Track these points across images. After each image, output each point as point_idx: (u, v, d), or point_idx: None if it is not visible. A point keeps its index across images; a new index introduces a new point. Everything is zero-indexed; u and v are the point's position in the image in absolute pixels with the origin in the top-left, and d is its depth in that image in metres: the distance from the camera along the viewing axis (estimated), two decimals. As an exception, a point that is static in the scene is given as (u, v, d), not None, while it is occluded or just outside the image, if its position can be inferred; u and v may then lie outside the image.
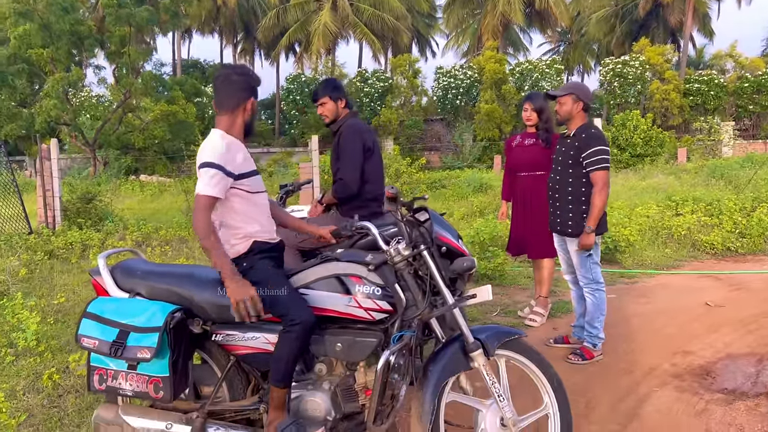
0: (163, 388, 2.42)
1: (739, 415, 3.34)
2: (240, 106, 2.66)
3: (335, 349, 2.51)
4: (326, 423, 2.51)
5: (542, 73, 28.57)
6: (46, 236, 8.65)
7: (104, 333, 2.45)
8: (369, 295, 2.50)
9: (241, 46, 41.05)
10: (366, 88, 29.31)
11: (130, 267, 2.74)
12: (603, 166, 4.05)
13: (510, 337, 2.59)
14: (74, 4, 18.93)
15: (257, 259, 2.60)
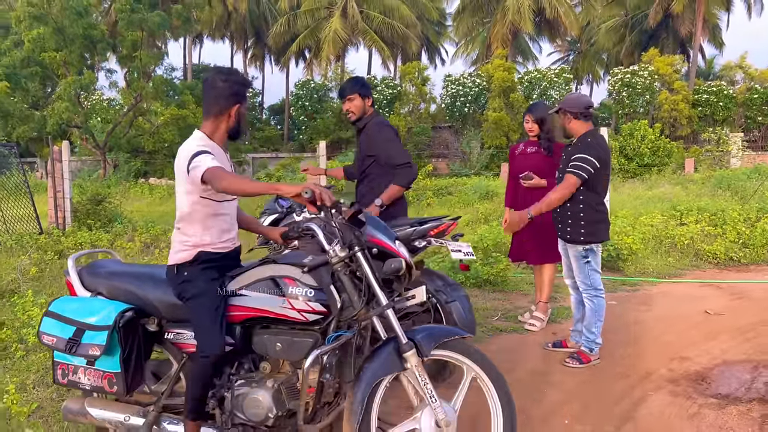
0: (117, 383, 2.56)
1: (731, 419, 3.40)
2: (224, 113, 2.65)
3: (276, 349, 2.57)
4: (267, 420, 2.56)
5: (551, 82, 28.63)
6: (56, 236, 8.78)
7: (62, 331, 2.60)
8: (301, 296, 2.54)
9: (252, 51, 41.33)
10: (374, 94, 29.43)
11: (96, 268, 2.90)
12: (577, 172, 4.12)
13: (449, 337, 2.54)
14: (88, 8, 19.18)
15: (199, 271, 2.62)
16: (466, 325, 3.62)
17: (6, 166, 11.81)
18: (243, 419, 2.61)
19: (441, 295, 3.70)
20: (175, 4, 21.83)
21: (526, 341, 4.83)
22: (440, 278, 3.85)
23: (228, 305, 2.60)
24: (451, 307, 3.66)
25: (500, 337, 4.92)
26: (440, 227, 3.79)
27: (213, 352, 2.50)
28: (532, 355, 4.53)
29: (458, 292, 3.77)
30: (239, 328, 2.63)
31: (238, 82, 2.67)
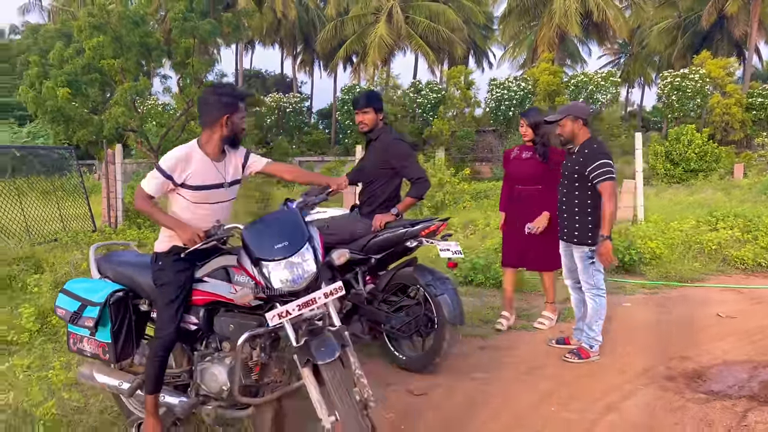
0: (108, 352, 3.04)
1: (713, 412, 3.58)
2: (215, 124, 2.93)
3: (229, 329, 2.92)
4: (222, 393, 2.92)
5: (597, 86, 28.36)
6: (108, 234, 9.42)
7: (70, 305, 3.13)
8: (244, 283, 2.84)
9: (301, 57, 42.19)
10: (419, 99, 29.74)
11: (110, 256, 3.41)
12: (608, 177, 4.32)
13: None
14: (144, 17, 20.06)
15: (171, 262, 2.98)
16: (454, 316, 3.89)
17: (66, 168, 12.62)
18: (205, 391, 3.01)
19: (431, 289, 3.98)
20: (226, 12, 22.60)
21: (533, 338, 5.05)
22: (431, 273, 4.12)
23: (194, 290, 3.00)
24: (439, 299, 3.92)
25: (509, 334, 5.15)
26: (431, 228, 4.13)
27: (166, 335, 2.92)
28: (535, 350, 4.76)
29: (446, 285, 4.01)
30: (203, 310, 3.01)
31: (227, 94, 2.95)
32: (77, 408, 3.63)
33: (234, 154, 3.12)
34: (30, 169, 12.35)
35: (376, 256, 4.33)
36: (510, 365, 4.40)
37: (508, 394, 3.88)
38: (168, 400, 3.08)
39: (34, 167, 12.50)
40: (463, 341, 4.94)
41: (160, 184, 2.90)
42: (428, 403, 3.72)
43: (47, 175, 11.93)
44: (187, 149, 2.95)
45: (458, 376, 4.17)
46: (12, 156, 13.40)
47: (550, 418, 3.52)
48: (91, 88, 20.89)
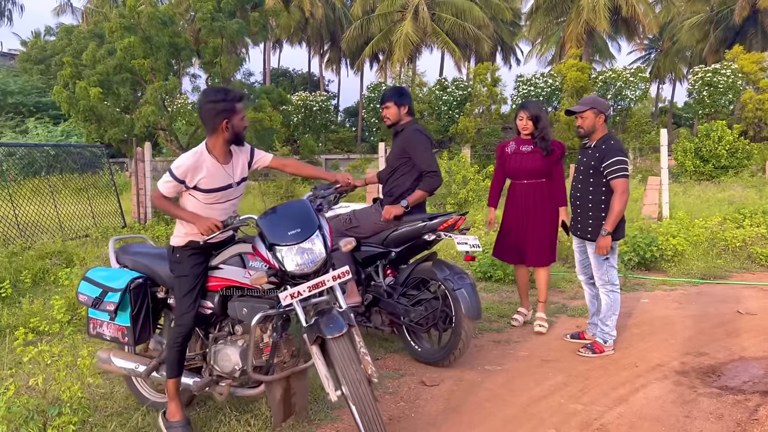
0: (128, 335, 3.24)
1: (724, 406, 3.59)
2: (217, 129, 3.05)
3: (242, 312, 3.12)
4: (234, 372, 3.11)
5: (626, 82, 28.00)
6: (137, 230, 9.67)
7: (92, 291, 3.33)
8: (259, 268, 3.05)
9: (328, 56, 42.43)
10: (445, 96, 29.71)
11: (128, 248, 3.62)
12: (622, 174, 4.34)
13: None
14: (173, 18, 20.45)
15: (186, 256, 3.16)
16: (471, 310, 3.93)
17: (98, 166, 12.96)
18: (218, 371, 3.20)
19: (448, 283, 4.03)
20: (253, 12, 22.88)
21: (548, 333, 5.09)
22: (449, 268, 4.15)
23: (209, 277, 3.20)
24: (457, 294, 3.96)
25: (523, 329, 5.19)
26: (449, 222, 4.18)
27: (185, 322, 3.10)
28: (548, 345, 4.80)
29: (464, 280, 4.04)
30: (218, 296, 3.21)
31: (221, 100, 3.05)
32: (103, 394, 3.81)
33: (240, 152, 3.27)
34: (64, 166, 12.69)
35: (395, 250, 4.41)
36: (523, 358, 4.46)
37: (517, 386, 3.94)
38: (183, 380, 3.26)
39: (68, 165, 12.83)
40: (479, 335, 5.01)
41: (173, 187, 3.09)
42: (439, 393, 3.81)
43: (80, 173, 12.25)
44: (197, 156, 3.08)
45: (470, 368, 4.24)
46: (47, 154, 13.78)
47: (557, 409, 3.57)
48: (122, 87, 21.41)
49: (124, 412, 3.54)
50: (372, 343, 4.75)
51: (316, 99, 32.06)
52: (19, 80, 30.19)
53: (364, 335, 4.87)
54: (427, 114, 30.92)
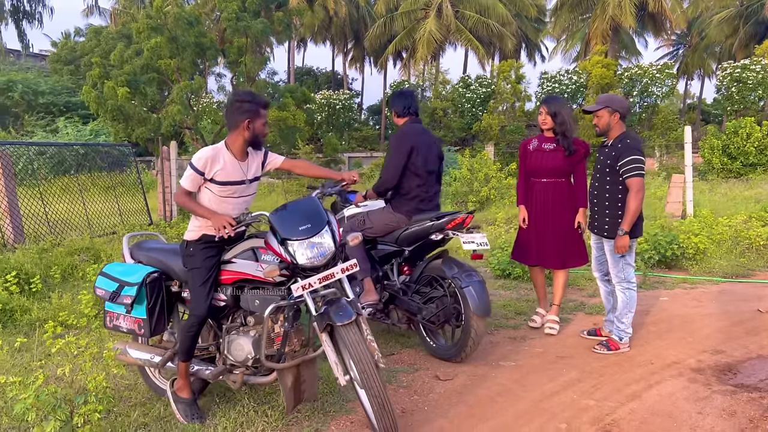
0: (144, 327, 3.37)
1: (738, 403, 3.60)
2: (238, 127, 3.27)
3: (254, 304, 3.26)
4: (247, 361, 3.25)
5: (652, 78, 27.66)
6: (163, 227, 9.87)
7: (109, 285, 3.47)
8: (270, 262, 3.18)
9: (352, 54, 42.56)
10: (468, 93, 29.65)
11: (142, 244, 3.76)
12: (637, 173, 4.35)
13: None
14: (198, 18, 20.74)
15: (199, 249, 3.32)
16: (479, 307, 4.00)
17: (126, 165, 13.23)
18: (231, 360, 3.34)
19: (457, 281, 4.10)
20: (277, 12, 23.09)
21: (564, 330, 5.11)
22: (458, 266, 4.22)
23: (222, 270, 3.33)
24: (465, 291, 4.03)
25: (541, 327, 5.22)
26: (456, 220, 4.25)
27: (200, 312, 3.25)
28: (564, 342, 4.83)
29: (472, 278, 4.10)
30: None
31: (248, 101, 3.29)
32: (128, 385, 3.95)
33: (256, 155, 3.46)
34: (93, 165, 12.98)
35: (408, 248, 4.51)
36: (537, 355, 4.50)
37: (530, 381, 3.98)
38: (198, 368, 3.42)
39: (96, 163, 13.12)
40: (495, 332, 5.06)
41: (194, 179, 3.24)
42: (452, 387, 3.87)
43: (108, 171, 12.53)
44: (216, 150, 3.29)
45: (485, 364, 4.30)
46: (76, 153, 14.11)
47: (569, 404, 3.61)
48: (149, 87, 21.80)
49: (147, 402, 3.67)
50: (389, 339, 4.83)
51: (339, 97, 32.24)
52: (50, 80, 30.87)
53: (383, 332, 4.96)
54: (450, 112, 30.91)
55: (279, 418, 3.37)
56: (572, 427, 3.31)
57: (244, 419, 3.36)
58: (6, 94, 28.21)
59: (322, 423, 3.34)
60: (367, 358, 2.87)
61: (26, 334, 5.14)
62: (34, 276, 6.34)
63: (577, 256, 5.01)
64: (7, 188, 8.53)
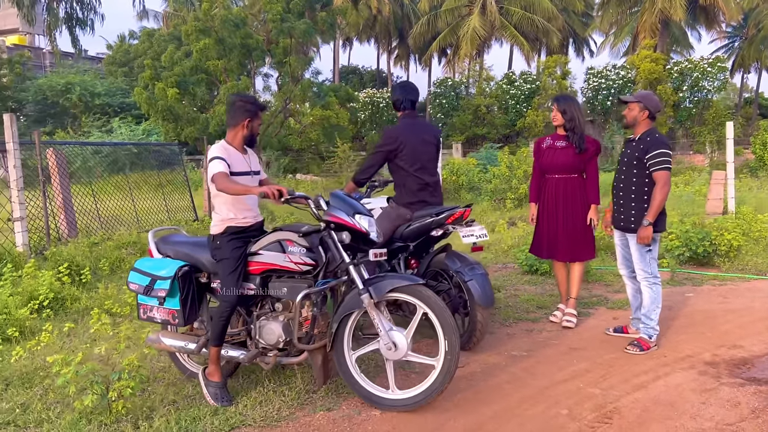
0: (178, 317, 3.64)
1: (743, 395, 3.66)
2: (238, 125, 3.62)
3: (283, 292, 3.56)
4: (279, 344, 3.54)
5: (703, 72, 26.94)
6: (207, 223, 10.28)
7: (142, 280, 3.73)
8: (297, 253, 3.48)
9: (396, 52, 42.78)
10: (512, 90, 29.49)
11: (167, 238, 4.03)
12: (665, 167, 4.42)
13: (401, 284, 3.38)
14: (245, 19, 21.30)
15: (226, 241, 3.59)
16: (483, 298, 4.20)
17: (176, 163, 13.78)
18: (263, 344, 3.62)
19: (460, 275, 4.28)
20: (321, 12, 23.49)
21: (581, 323, 5.21)
22: (461, 260, 4.40)
23: (249, 262, 3.59)
24: (468, 285, 4.22)
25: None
26: (455, 215, 4.41)
27: (230, 299, 3.51)
28: (579, 334, 4.94)
29: (475, 271, 4.29)
30: (258, 278, 3.62)
31: (248, 102, 3.67)
32: (162, 367, 4.26)
33: (252, 153, 3.81)
34: (145, 164, 13.57)
35: (412, 243, 4.63)
36: (551, 346, 4.62)
37: (540, 370, 4.12)
38: (232, 353, 3.68)
39: (149, 162, 13.71)
40: (513, 324, 5.20)
41: (224, 164, 3.49)
42: (462, 374, 4.04)
43: (159, 170, 13.09)
44: (222, 145, 3.63)
45: (498, 354, 4.46)
46: (129, 152, 14.77)
47: (574, 392, 3.74)
48: (198, 87, 22.50)
49: (178, 382, 3.97)
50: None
51: (383, 95, 32.48)
52: (105, 82, 32.10)
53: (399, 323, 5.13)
54: (497, 108, 30.80)
55: (295, 397, 3.61)
56: (573, 413, 3.45)
57: (263, 398, 3.62)
58: (65, 96, 29.50)
59: (334, 403, 3.58)
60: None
61: (75, 320, 5.55)
62: (84, 268, 6.77)
63: (586, 250, 5.13)
64: (62, 185, 9.07)
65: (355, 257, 3.55)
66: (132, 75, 30.94)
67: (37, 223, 8.21)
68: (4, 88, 30.54)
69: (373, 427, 3.29)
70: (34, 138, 8.22)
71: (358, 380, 3.53)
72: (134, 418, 3.34)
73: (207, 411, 3.44)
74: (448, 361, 3.30)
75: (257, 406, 3.52)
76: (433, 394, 3.35)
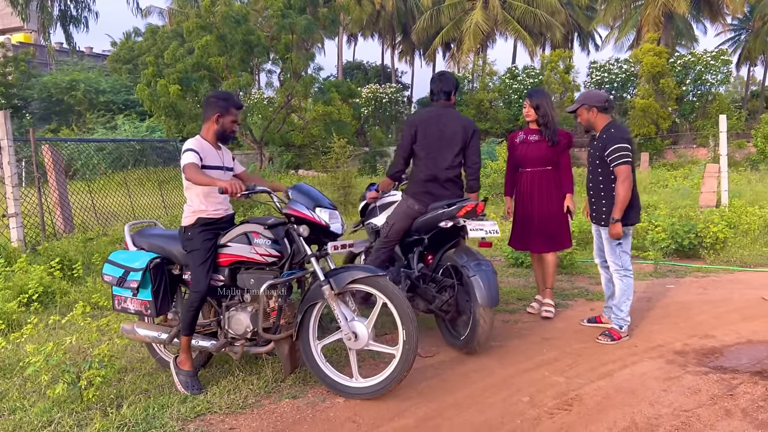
0: (150, 307, 3.72)
1: (705, 383, 3.71)
2: (209, 120, 3.71)
3: (250, 283, 3.64)
4: (246, 334, 3.62)
5: (707, 65, 26.82)
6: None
7: (115, 272, 3.84)
8: (262, 245, 3.57)
9: (401, 47, 42.77)
10: (515, 84, 29.46)
11: (142, 232, 4.13)
12: (624, 161, 4.47)
13: (361, 276, 3.45)
14: (246, 16, 21.39)
15: (197, 232, 3.67)
16: (485, 297, 3.99)
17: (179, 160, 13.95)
18: (232, 334, 3.70)
19: (465, 270, 4.13)
20: (323, 7, 23.54)
21: (557, 315, 5.27)
22: (468, 255, 4.26)
23: (218, 254, 3.68)
24: (471, 280, 4.04)
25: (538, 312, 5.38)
26: (466, 207, 4.24)
27: (200, 290, 3.60)
28: (552, 325, 5.01)
29: (481, 267, 4.11)
30: (227, 270, 3.70)
31: (219, 98, 3.77)
32: (140, 358, 4.36)
33: (226, 151, 3.90)
34: (149, 160, 13.72)
35: (426, 236, 4.51)
36: (524, 336, 4.69)
37: (509, 360, 4.18)
38: (202, 344, 3.78)
39: (152, 159, 13.86)
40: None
41: (195, 156, 3.58)
42: (431, 363, 4.12)
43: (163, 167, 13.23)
44: (197, 139, 3.72)
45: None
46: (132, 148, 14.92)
47: (538, 380, 3.80)
48: (200, 84, 22.60)
49: (154, 372, 4.06)
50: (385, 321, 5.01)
51: (386, 91, 32.53)
52: (110, 79, 32.34)
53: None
54: (502, 103, 30.77)
55: (263, 386, 3.70)
56: (534, 400, 3.51)
57: (231, 387, 3.70)
58: (69, 93, 29.75)
59: (300, 391, 3.66)
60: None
61: (63, 313, 5.65)
62: (77, 262, 6.89)
63: (560, 241, 5.21)
64: (58, 182, 9.19)
65: (320, 249, 3.64)
66: (136, 72, 31.11)
67: (34, 219, 8.34)
68: (10, 86, 30.82)
69: (335, 414, 3.37)
70: (30, 135, 8.35)
71: (323, 369, 3.62)
72: (104, 405, 3.43)
73: (175, 399, 3.53)
74: (407, 351, 3.37)
75: (225, 394, 3.60)
76: (392, 382, 3.43)
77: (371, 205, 5.19)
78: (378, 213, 5.06)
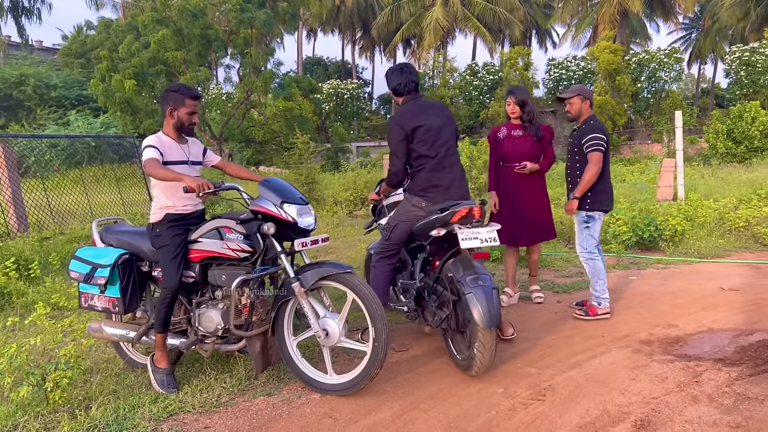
0: (118, 305, 3.64)
1: (671, 370, 3.81)
2: (165, 113, 3.66)
3: (221, 279, 3.58)
4: (218, 331, 3.57)
5: (660, 63, 27.54)
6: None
7: (83, 268, 3.73)
8: (234, 240, 3.53)
9: (361, 43, 42.67)
10: (475, 81, 29.71)
11: (110, 228, 4.04)
12: (596, 148, 4.74)
13: (330, 273, 3.41)
14: (203, 10, 21.02)
15: (165, 228, 3.61)
16: (483, 317, 3.53)
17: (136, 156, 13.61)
18: (202, 331, 3.65)
19: (460, 285, 3.69)
20: (282, 2, 23.30)
21: (529, 306, 5.36)
22: (465, 267, 3.78)
23: (189, 250, 3.61)
24: (467, 298, 3.60)
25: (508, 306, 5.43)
26: (460, 212, 3.75)
27: (171, 286, 3.53)
28: (524, 317, 5.09)
29: (478, 282, 3.65)
30: (198, 266, 3.63)
31: (176, 92, 3.65)
32: (108, 359, 4.25)
33: (194, 144, 3.81)
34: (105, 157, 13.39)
35: (425, 243, 4.16)
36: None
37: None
38: (172, 341, 3.70)
39: (108, 156, 13.53)
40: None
41: (155, 152, 3.49)
42: (405, 357, 4.13)
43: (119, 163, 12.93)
44: (156, 136, 3.64)
45: (443, 337, 4.52)
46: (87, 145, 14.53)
47: (511, 371, 3.85)
48: (156, 79, 22.13)
49: (122, 373, 3.96)
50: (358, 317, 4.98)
51: (347, 87, 32.43)
52: (61, 74, 31.41)
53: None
54: (462, 99, 30.99)
55: (236, 384, 3.65)
56: (508, 391, 3.55)
57: (204, 385, 3.64)
58: (19, 88, 28.79)
59: (275, 388, 3.63)
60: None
61: (21, 315, 5.46)
62: (33, 262, 6.67)
63: (547, 232, 5.35)
64: (11, 179, 8.89)
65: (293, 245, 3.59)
66: (89, 67, 30.34)
67: (-15, 217, 8.05)
68: (-45, 81, 29.69)
69: (311, 410, 3.35)
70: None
71: (299, 365, 3.58)
72: (72, 407, 3.33)
73: (146, 399, 3.45)
74: (377, 348, 3.33)
75: (197, 393, 3.54)
76: (365, 378, 3.39)
77: (379, 206, 4.96)
78: (386, 213, 4.77)
